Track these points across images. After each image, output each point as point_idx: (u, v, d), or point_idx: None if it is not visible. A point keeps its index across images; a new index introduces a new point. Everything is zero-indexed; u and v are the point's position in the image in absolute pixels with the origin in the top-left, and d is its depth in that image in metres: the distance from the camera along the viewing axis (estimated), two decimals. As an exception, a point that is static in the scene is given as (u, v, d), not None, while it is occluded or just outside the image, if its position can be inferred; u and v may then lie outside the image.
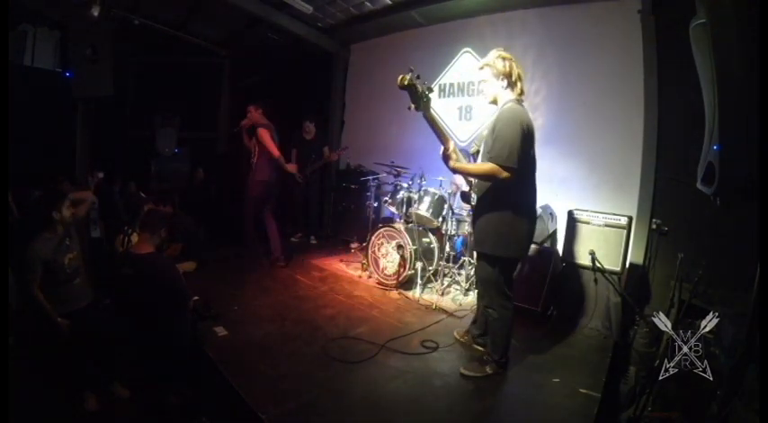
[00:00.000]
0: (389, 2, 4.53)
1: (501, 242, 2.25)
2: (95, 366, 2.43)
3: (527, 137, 2.15)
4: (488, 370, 2.41)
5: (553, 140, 3.93)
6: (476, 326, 2.78)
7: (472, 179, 2.47)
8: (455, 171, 2.29)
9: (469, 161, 2.48)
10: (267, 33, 5.42)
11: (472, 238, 2.81)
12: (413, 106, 2.03)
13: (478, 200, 2.39)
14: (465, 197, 2.60)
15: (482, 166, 2.21)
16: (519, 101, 2.27)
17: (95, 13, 3.50)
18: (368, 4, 4.63)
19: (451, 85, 4.76)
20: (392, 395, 2.22)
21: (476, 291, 2.89)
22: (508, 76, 2.26)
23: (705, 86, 1.68)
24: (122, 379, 2.50)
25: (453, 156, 2.20)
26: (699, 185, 1.81)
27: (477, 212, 2.41)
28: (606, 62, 3.68)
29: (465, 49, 4.63)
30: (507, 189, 2.18)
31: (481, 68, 2.35)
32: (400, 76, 1.96)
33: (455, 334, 2.87)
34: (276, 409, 1.99)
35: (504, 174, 2.10)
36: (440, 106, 4.81)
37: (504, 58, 2.28)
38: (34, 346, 2.50)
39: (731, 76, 1.52)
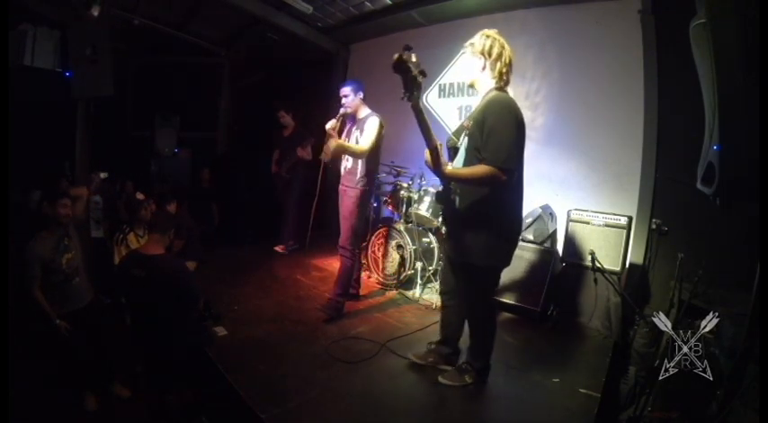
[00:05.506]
0: (389, 2, 4.53)
1: (492, 252, 2.02)
2: (95, 366, 2.44)
3: (522, 133, 1.89)
4: (467, 379, 2.27)
5: (553, 140, 3.93)
6: (447, 345, 2.44)
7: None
8: (449, 178, 1.95)
9: (448, 159, 2.12)
10: (267, 33, 5.41)
11: (447, 245, 2.29)
12: (406, 95, 1.67)
13: (462, 204, 2.04)
14: (441, 198, 2.18)
15: (476, 169, 1.87)
16: (502, 89, 1.98)
17: (95, 13, 3.49)
18: (368, 4, 4.62)
19: (451, 84, 4.75)
20: (392, 395, 2.22)
21: (449, 304, 2.41)
22: (489, 56, 1.96)
23: (705, 86, 1.68)
24: (122, 379, 2.51)
25: (445, 161, 1.93)
26: (699, 185, 1.81)
27: (462, 218, 2.05)
28: (606, 62, 3.68)
29: (465, 49, 4.62)
30: (499, 193, 1.92)
31: (464, 49, 2.07)
32: (396, 55, 1.59)
33: (411, 356, 2.47)
34: (276, 409, 1.99)
35: (504, 177, 1.82)
36: (440, 106, 4.81)
37: (487, 37, 1.99)
38: (34, 347, 2.51)
39: (731, 76, 1.52)
